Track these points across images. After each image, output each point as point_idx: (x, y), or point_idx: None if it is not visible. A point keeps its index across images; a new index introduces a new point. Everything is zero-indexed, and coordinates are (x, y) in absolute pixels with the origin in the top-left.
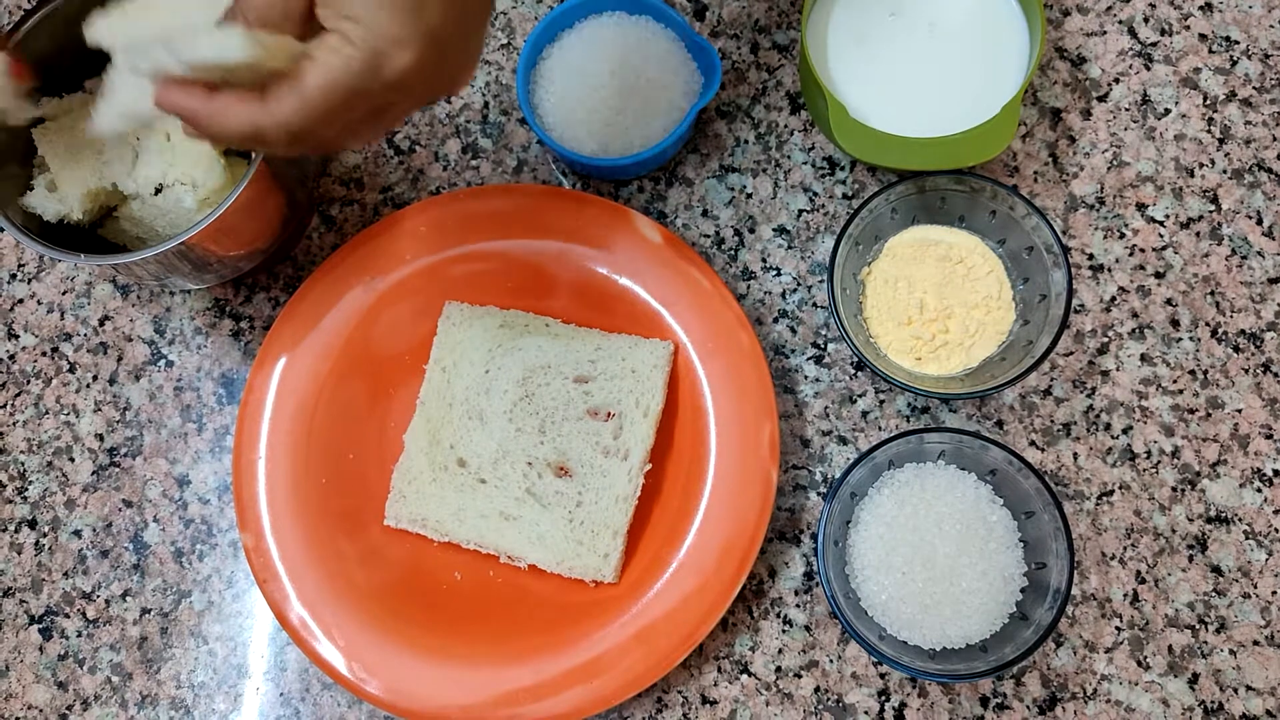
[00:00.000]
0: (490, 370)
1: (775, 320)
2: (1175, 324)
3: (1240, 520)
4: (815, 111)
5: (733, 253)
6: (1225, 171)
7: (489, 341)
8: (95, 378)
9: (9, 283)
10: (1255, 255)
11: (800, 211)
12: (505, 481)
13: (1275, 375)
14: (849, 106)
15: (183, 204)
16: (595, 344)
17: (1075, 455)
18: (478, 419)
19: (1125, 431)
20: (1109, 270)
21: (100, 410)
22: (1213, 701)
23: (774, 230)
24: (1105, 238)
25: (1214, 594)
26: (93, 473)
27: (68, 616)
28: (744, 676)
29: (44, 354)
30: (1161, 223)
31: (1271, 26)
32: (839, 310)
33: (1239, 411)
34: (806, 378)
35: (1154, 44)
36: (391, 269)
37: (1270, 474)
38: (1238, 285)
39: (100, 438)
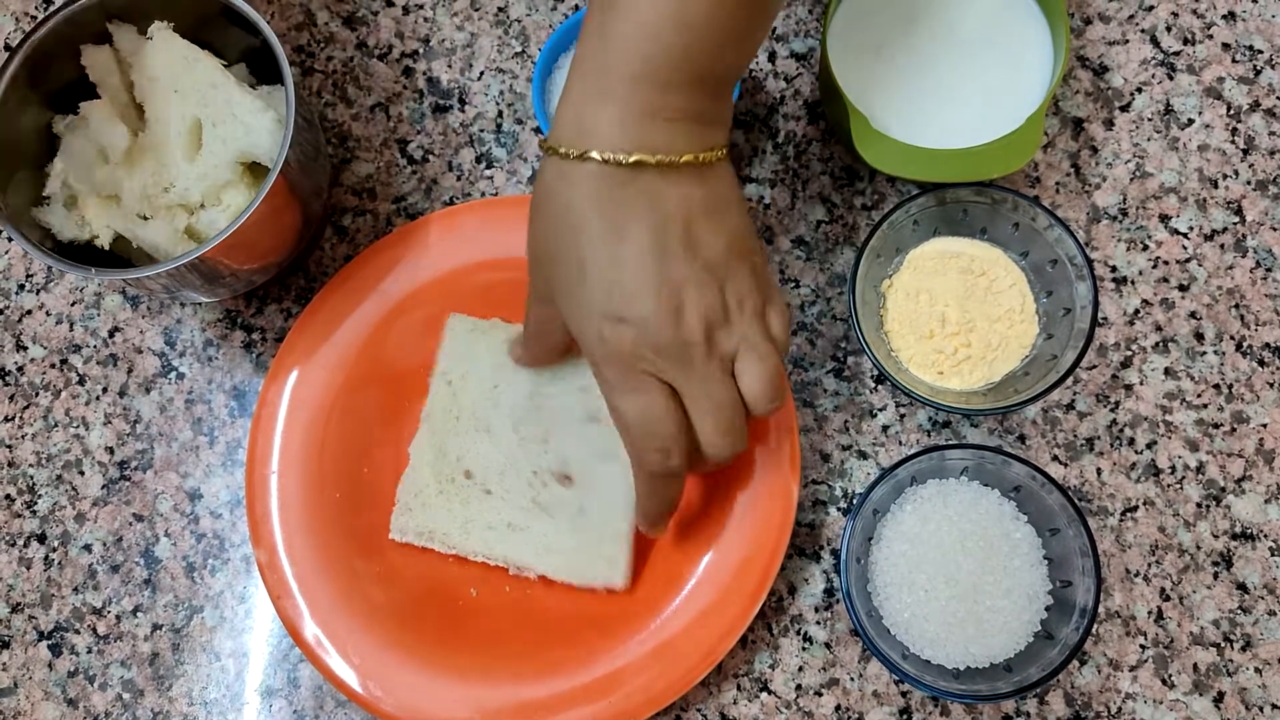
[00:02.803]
0: (499, 385)
1: (794, 333)
2: (1199, 337)
3: (1266, 536)
4: (835, 122)
5: None
6: (1249, 183)
7: (496, 355)
8: (105, 390)
9: (17, 293)
10: None
11: (819, 223)
12: (511, 493)
13: None
14: (870, 117)
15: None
16: None
17: (1099, 471)
18: (485, 431)
19: (1149, 446)
20: (1132, 283)
21: (110, 423)
22: None
23: (792, 241)
24: (1128, 250)
25: (1239, 611)
26: (103, 486)
27: (78, 633)
28: (764, 695)
29: (53, 366)
30: (1185, 235)
31: None
32: (860, 323)
33: (1264, 426)
34: (826, 391)
35: (1177, 53)
36: (405, 280)
37: None
38: (1262, 298)
39: (110, 451)
